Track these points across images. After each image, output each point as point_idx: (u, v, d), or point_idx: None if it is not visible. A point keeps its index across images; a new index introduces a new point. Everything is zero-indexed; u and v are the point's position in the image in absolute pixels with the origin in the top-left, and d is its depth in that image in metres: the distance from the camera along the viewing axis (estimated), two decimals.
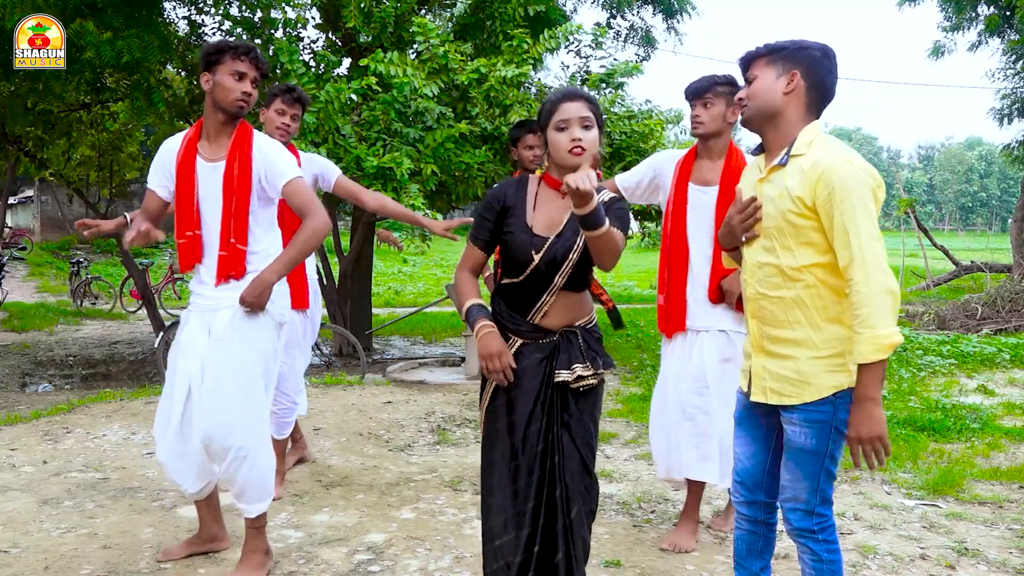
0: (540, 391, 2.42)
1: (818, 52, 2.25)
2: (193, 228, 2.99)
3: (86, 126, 10.21)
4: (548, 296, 2.43)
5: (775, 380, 2.27)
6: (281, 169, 2.96)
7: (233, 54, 2.92)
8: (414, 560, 3.26)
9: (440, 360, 8.49)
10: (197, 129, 3.04)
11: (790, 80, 2.24)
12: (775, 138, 2.29)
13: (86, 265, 15.35)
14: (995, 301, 11.60)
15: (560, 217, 2.43)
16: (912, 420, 5.69)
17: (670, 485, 3.92)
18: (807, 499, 2.26)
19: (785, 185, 2.21)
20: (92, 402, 5.87)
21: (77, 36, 6.50)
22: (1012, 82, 16.93)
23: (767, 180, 2.29)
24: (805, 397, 2.22)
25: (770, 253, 2.27)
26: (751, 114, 2.30)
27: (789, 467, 2.29)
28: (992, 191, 76.90)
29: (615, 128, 7.71)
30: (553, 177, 2.45)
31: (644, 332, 10.73)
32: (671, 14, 12.00)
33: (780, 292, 2.25)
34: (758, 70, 2.28)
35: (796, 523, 2.29)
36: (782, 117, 2.26)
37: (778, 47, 2.27)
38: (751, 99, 2.29)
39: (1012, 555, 3.46)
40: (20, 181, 23.39)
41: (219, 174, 2.95)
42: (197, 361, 2.93)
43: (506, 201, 2.46)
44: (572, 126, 2.33)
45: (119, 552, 3.27)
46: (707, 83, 3.38)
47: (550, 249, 2.39)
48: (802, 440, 2.24)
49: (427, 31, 6.74)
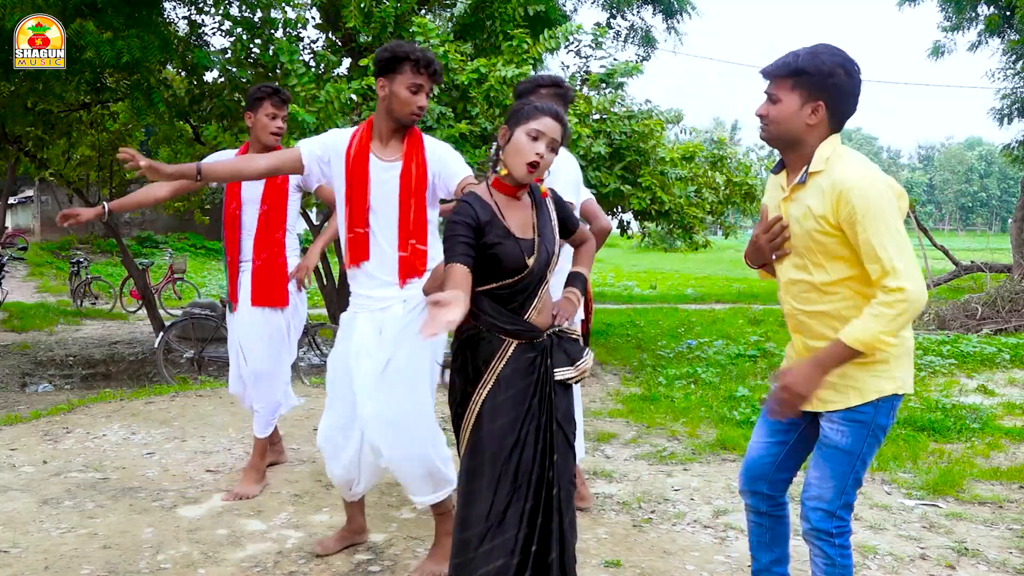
0: (536, 389, 2.41)
1: (844, 78, 2.18)
2: (363, 225, 2.97)
3: (86, 126, 10.21)
4: (542, 291, 2.47)
5: (822, 388, 2.26)
6: (455, 169, 2.99)
7: (414, 67, 2.88)
8: (414, 560, 3.26)
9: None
10: (368, 128, 3.02)
11: (814, 111, 2.21)
12: (796, 159, 2.28)
13: (86, 265, 15.36)
14: (995, 301, 11.59)
15: (528, 218, 2.48)
16: (912, 420, 5.69)
17: None
18: (831, 499, 2.28)
19: (807, 204, 2.21)
20: (92, 402, 5.86)
21: (77, 36, 6.50)
22: (1012, 82, 16.94)
23: (791, 199, 2.28)
24: (851, 401, 2.25)
25: (802, 270, 2.28)
26: (770, 136, 2.29)
27: (819, 464, 2.31)
28: (992, 191, 76.92)
29: (615, 128, 7.70)
30: (504, 183, 2.43)
31: (644, 332, 10.73)
32: (671, 14, 12.02)
33: (817, 307, 2.26)
34: (782, 92, 2.23)
35: (815, 523, 2.30)
36: (803, 143, 2.25)
37: (804, 71, 2.19)
38: (772, 123, 2.26)
39: (1012, 555, 3.46)
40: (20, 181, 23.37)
41: (395, 174, 2.96)
42: (371, 361, 2.93)
43: (479, 216, 2.39)
44: (542, 140, 2.37)
45: (119, 552, 3.27)
46: (533, 84, 3.38)
47: (539, 249, 2.44)
48: (838, 438, 2.26)
49: (427, 31, 6.74)
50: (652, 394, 6.70)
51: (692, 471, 4.57)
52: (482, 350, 2.44)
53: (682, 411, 6.02)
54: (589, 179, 7.51)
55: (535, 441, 2.40)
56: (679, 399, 6.50)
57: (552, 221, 2.52)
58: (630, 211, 8.21)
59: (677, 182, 8.15)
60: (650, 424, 5.65)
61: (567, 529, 2.44)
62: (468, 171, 3.01)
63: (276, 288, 3.96)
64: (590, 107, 7.77)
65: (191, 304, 9.67)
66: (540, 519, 2.40)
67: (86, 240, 22.54)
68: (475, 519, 2.38)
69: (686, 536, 3.59)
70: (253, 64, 8.02)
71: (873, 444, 2.27)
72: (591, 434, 5.25)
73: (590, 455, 4.79)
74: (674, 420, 5.78)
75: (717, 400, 6.47)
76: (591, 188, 7.50)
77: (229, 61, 7.97)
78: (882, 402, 2.23)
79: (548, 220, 2.51)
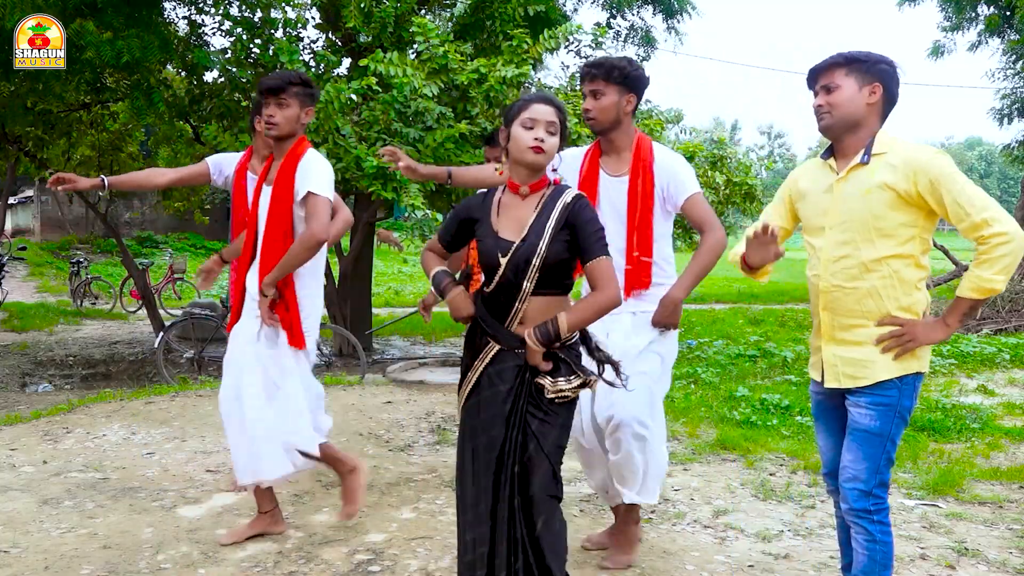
0: (511, 398, 2.40)
1: (891, 67, 2.40)
2: None
3: (86, 126, 10.21)
4: (520, 303, 2.39)
5: (847, 365, 2.42)
6: (684, 182, 3.07)
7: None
8: (414, 560, 3.26)
9: (440, 360, 8.49)
10: (598, 145, 3.17)
11: (872, 91, 2.39)
12: (853, 143, 2.43)
13: (86, 265, 15.35)
14: (995, 301, 11.58)
15: (525, 219, 2.43)
16: (912, 420, 5.67)
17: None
18: (866, 479, 2.40)
19: (875, 181, 2.35)
20: (92, 402, 5.87)
21: (77, 36, 6.51)
22: (1012, 82, 16.92)
23: (846, 180, 2.41)
24: (877, 376, 2.38)
25: (848, 246, 2.40)
26: (834, 122, 2.42)
27: (851, 448, 2.42)
28: (992, 191, 76.88)
29: None
30: (512, 182, 2.47)
31: None
32: (671, 14, 12.01)
33: (856, 283, 2.39)
34: (838, 80, 2.40)
35: (854, 502, 2.41)
36: (862, 125, 2.41)
37: (856, 58, 2.39)
38: (835, 108, 2.41)
39: (1012, 555, 3.46)
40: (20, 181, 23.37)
41: (622, 188, 3.07)
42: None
43: (471, 213, 2.51)
44: (538, 127, 2.39)
45: (119, 552, 3.27)
46: (283, 81, 3.23)
47: (515, 253, 2.38)
48: (867, 422, 2.39)
49: (427, 31, 6.74)
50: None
51: (692, 471, 4.57)
52: (472, 349, 2.51)
53: (682, 411, 6.02)
54: None
55: (501, 444, 2.41)
56: (679, 399, 6.49)
57: (547, 227, 2.38)
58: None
59: None
60: None
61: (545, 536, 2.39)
62: (697, 187, 3.11)
63: None
64: None
65: (191, 304, 9.68)
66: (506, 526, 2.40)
67: (86, 240, 22.52)
68: (460, 510, 2.51)
69: (686, 536, 3.59)
70: (253, 64, 8.02)
71: (900, 425, 2.41)
72: None
73: None
74: (674, 420, 5.78)
75: (717, 400, 6.47)
76: None
77: (229, 61, 7.97)
78: (906, 382, 2.38)
79: (543, 225, 2.38)
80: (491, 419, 2.42)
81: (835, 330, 2.45)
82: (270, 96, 3.18)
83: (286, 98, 3.18)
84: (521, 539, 2.40)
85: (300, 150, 3.23)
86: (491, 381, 2.44)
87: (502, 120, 2.49)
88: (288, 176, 3.18)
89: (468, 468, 2.47)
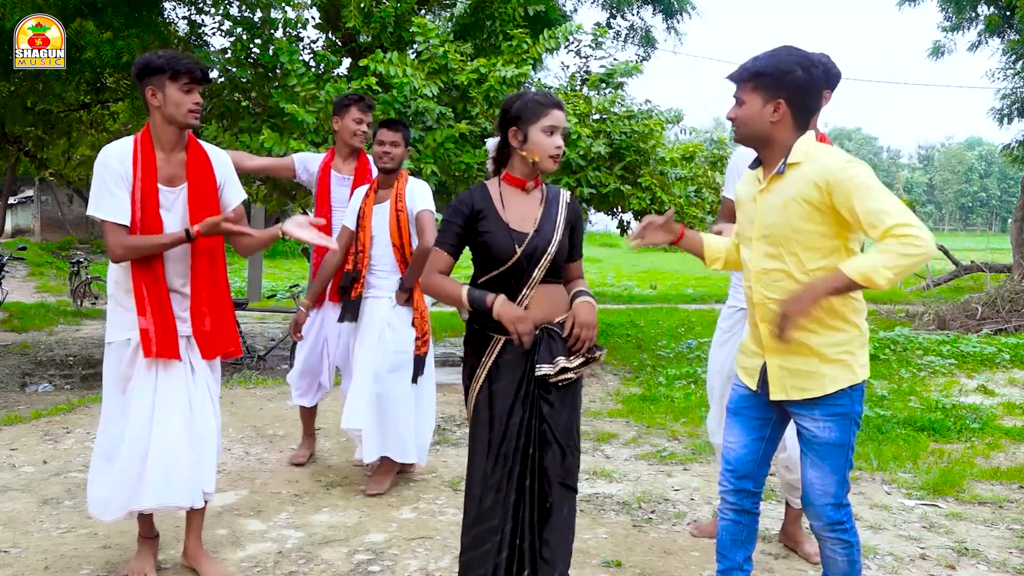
0: (521, 385, 2.48)
1: (801, 74, 2.29)
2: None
3: (86, 126, 10.23)
4: (528, 289, 2.50)
5: (796, 377, 2.37)
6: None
7: None
8: (414, 560, 3.26)
9: (440, 360, 8.49)
10: None
11: (775, 109, 2.33)
12: (769, 154, 2.40)
13: (86, 265, 15.34)
14: (995, 301, 11.59)
15: (532, 213, 2.54)
16: (912, 420, 5.70)
17: None
18: (836, 492, 2.37)
19: (788, 193, 2.30)
20: (92, 402, 5.86)
21: (77, 36, 6.51)
22: (1012, 82, 16.94)
23: (768, 190, 2.37)
24: (828, 388, 2.33)
25: (776, 259, 2.36)
26: (741, 137, 2.42)
27: (816, 464, 2.38)
28: (992, 191, 76.91)
29: (615, 128, 7.71)
30: (515, 176, 2.55)
31: (644, 332, 10.73)
32: (671, 14, 12.02)
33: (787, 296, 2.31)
34: (745, 95, 2.37)
35: (829, 517, 2.38)
36: (772, 139, 2.36)
37: (760, 73, 2.32)
38: (740, 124, 2.39)
39: (1012, 555, 3.46)
40: (20, 181, 23.40)
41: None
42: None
43: (474, 205, 2.53)
44: (557, 134, 2.49)
45: (119, 552, 3.27)
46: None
47: (531, 243, 2.48)
48: (827, 435, 2.35)
49: (427, 31, 6.75)
50: (652, 394, 6.71)
51: (692, 471, 4.57)
52: (478, 344, 2.54)
53: (682, 411, 6.02)
54: (589, 179, 7.52)
55: (517, 435, 2.46)
56: (679, 399, 6.50)
57: (558, 222, 2.55)
58: (630, 211, 8.22)
59: (677, 182, 8.16)
60: (650, 424, 5.65)
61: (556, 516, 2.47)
62: None
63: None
64: (590, 107, 7.78)
65: None
66: (525, 512, 2.46)
67: (86, 240, 22.54)
68: (470, 506, 2.52)
69: (686, 536, 3.59)
70: (253, 64, 8.02)
71: (855, 431, 2.39)
72: (590, 434, 5.26)
73: (589, 455, 4.79)
74: (674, 420, 5.78)
75: None
76: (591, 188, 7.50)
77: (229, 61, 7.96)
78: (854, 389, 2.34)
79: (553, 219, 2.55)
80: (507, 409, 2.47)
81: (771, 342, 2.37)
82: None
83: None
84: (529, 521, 2.46)
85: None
86: (501, 372, 2.49)
87: (514, 117, 2.50)
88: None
89: (484, 462, 2.48)
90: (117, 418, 2.93)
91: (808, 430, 2.38)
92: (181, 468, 2.87)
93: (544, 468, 2.48)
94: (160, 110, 2.83)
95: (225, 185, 3.01)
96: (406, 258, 3.96)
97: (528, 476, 2.48)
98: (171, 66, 2.79)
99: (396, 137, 3.92)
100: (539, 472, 2.48)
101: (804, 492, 2.43)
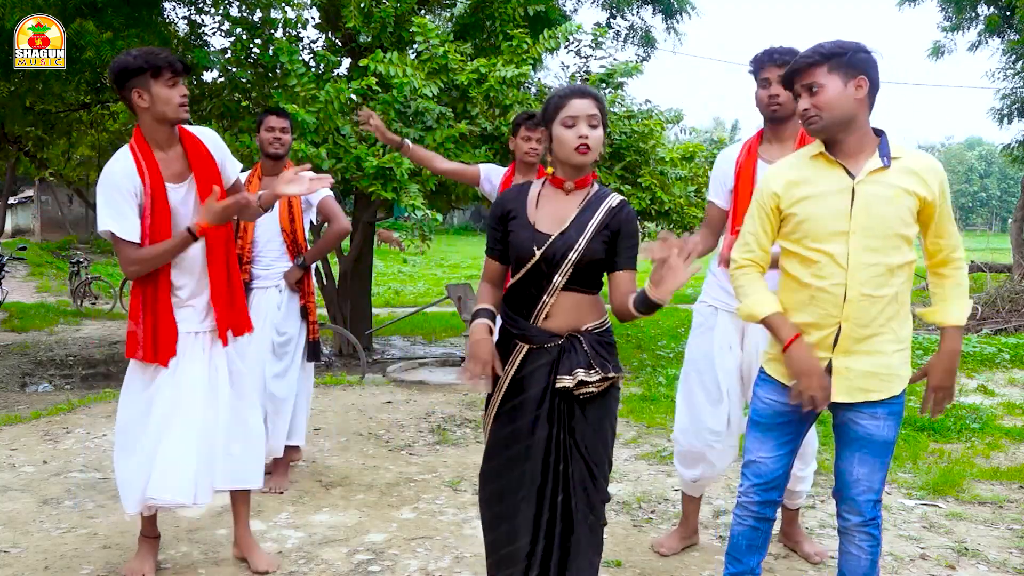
0: (544, 397, 2.35)
1: (868, 53, 2.30)
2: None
3: (86, 126, 10.22)
4: (548, 296, 2.35)
5: (862, 378, 2.32)
6: None
7: None
8: (414, 560, 3.26)
9: (440, 360, 8.48)
10: (759, 135, 3.16)
11: (859, 85, 2.26)
12: (853, 141, 2.30)
13: (86, 265, 15.34)
14: (995, 301, 11.59)
15: (565, 214, 2.37)
16: (912, 420, 5.69)
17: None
18: (879, 488, 2.38)
19: (900, 184, 2.28)
20: (92, 402, 5.87)
21: (77, 36, 6.51)
22: (1012, 82, 16.93)
23: (868, 181, 2.28)
24: (894, 390, 2.33)
25: (877, 253, 2.29)
26: (825, 124, 2.29)
27: (866, 461, 2.37)
28: (992, 191, 76.90)
29: (615, 128, 7.72)
30: (556, 176, 2.42)
31: (644, 332, 10.73)
32: (671, 14, 12.00)
33: (883, 291, 2.29)
34: (821, 78, 2.26)
35: (869, 513, 2.38)
36: (856, 122, 2.29)
37: (834, 52, 2.26)
38: (824, 110, 2.27)
39: (1012, 555, 3.46)
40: (20, 181, 23.40)
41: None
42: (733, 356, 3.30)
43: (505, 206, 2.44)
44: (580, 123, 2.31)
45: (119, 552, 3.27)
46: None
47: (551, 246, 2.33)
48: (884, 432, 2.35)
49: (427, 31, 6.74)
50: (652, 394, 6.70)
51: None
52: (502, 353, 2.43)
53: None
54: None
55: (543, 449, 2.35)
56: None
57: (590, 226, 2.35)
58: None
59: (677, 182, 8.17)
60: (650, 424, 5.65)
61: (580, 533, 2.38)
62: None
63: None
64: None
65: None
66: (559, 526, 2.36)
67: (86, 240, 22.54)
68: (493, 524, 2.44)
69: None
70: (253, 64, 8.02)
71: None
72: None
73: None
74: (674, 420, 5.78)
75: None
76: None
77: (229, 61, 7.96)
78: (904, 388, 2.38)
79: (586, 223, 2.35)
80: (531, 423, 2.36)
81: (853, 342, 2.31)
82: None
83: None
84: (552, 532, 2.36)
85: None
86: (519, 388, 2.38)
87: (543, 119, 2.40)
88: None
89: (504, 478, 2.39)
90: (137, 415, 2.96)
91: (865, 428, 2.34)
92: (185, 466, 2.87)
93: (569, 482, 2.36)
94: (149, 111, 2.80)
95: (224, 163, 3.02)
96: (298, 244, 4.10)
97: (560, 492, 2.37)
98: (150, 63, 2.73)
99: (285, 124, 4.11)
100: (564, 485, 2.37)
101: (843, 489, 2.40)
